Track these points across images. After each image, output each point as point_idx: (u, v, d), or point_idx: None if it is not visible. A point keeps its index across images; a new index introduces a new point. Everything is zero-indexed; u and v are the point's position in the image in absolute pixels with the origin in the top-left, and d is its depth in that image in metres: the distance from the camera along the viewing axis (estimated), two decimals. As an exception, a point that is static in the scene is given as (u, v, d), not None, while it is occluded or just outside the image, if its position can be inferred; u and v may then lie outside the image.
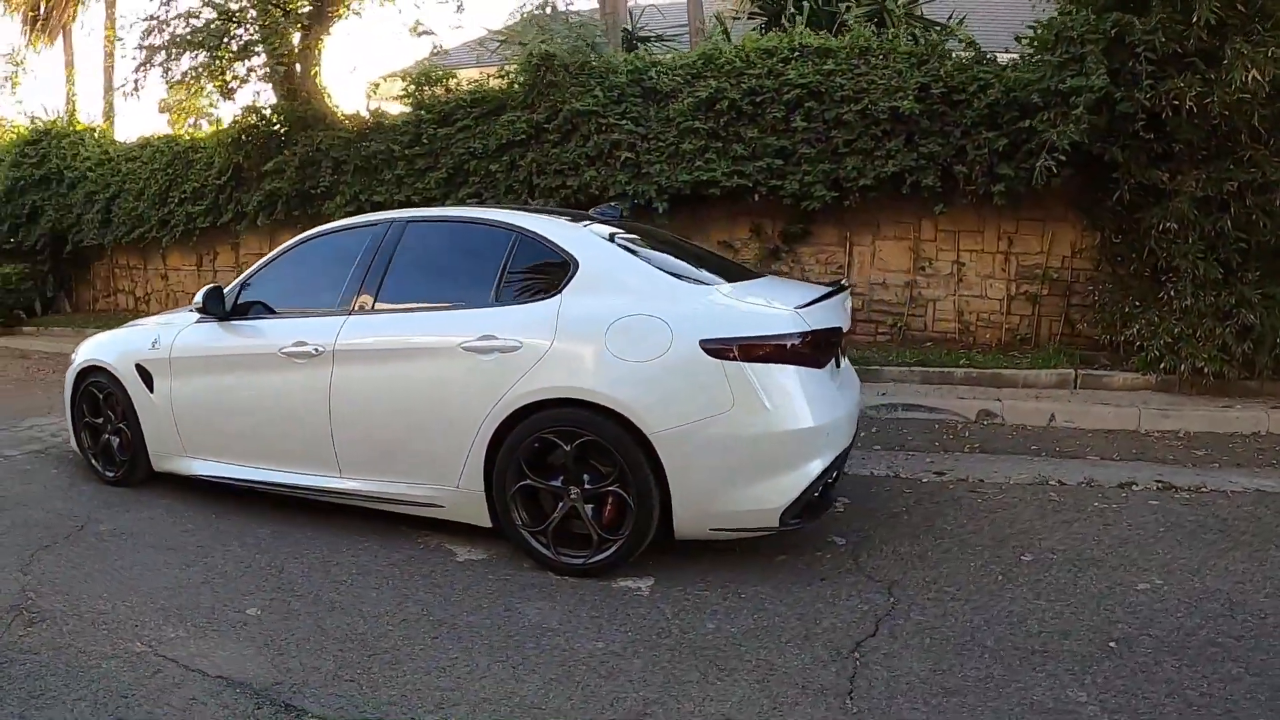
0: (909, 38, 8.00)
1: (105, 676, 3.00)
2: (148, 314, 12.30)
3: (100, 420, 5.28)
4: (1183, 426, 6.03)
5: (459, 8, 10.51)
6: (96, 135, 12.50)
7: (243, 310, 4.69)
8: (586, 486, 3.65)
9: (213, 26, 9.57)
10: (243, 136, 10.09)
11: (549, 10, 9.26)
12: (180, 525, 4.53)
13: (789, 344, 3.47)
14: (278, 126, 10.03)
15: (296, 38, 10.04)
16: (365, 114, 10.00)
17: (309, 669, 3.03)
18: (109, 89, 10.10)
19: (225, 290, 4.72)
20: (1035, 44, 6.99)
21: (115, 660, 3.11)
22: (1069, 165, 6.69)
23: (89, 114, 11.80)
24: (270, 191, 9.96)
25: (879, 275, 8.27)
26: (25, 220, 12.39)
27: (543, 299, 3.79)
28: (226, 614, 3.47)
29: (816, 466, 3.53)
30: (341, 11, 10.17)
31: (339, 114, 9.99)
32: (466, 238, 4.28)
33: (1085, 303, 7.62)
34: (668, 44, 10.83)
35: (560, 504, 3.69)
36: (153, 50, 9.89)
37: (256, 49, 9.87)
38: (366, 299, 4.27)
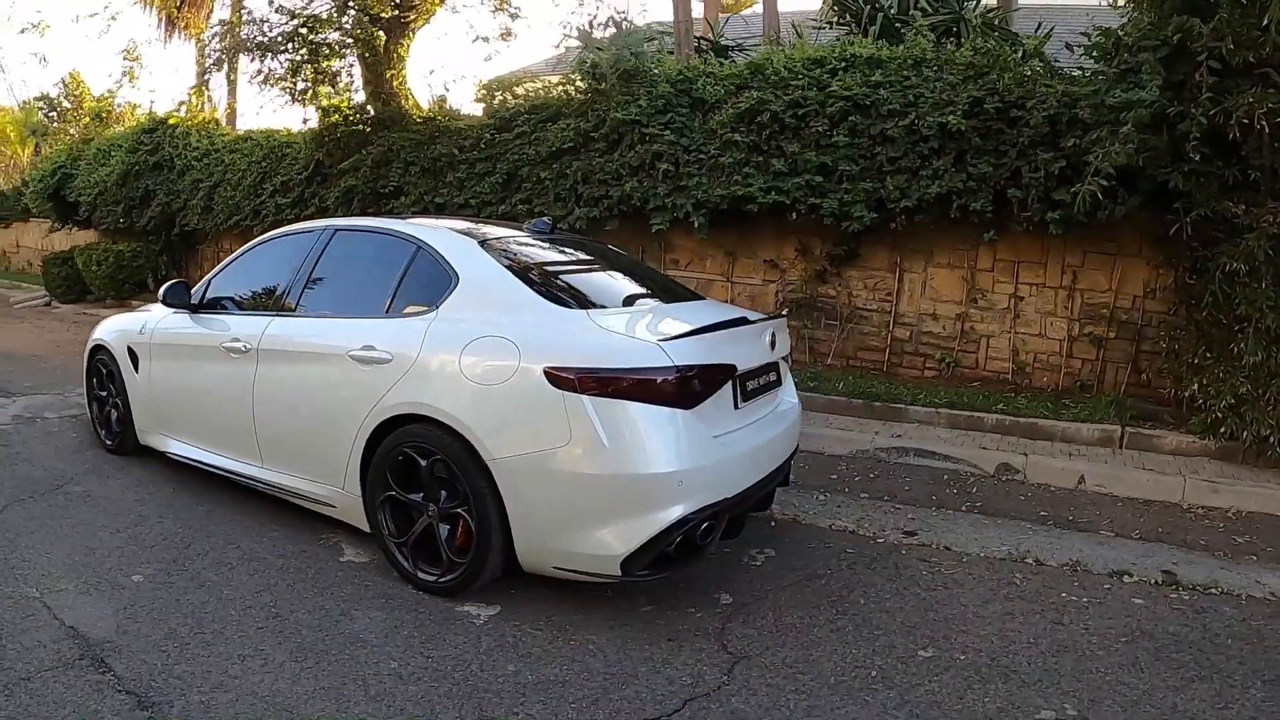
0: (972, 48, 7.52)
1: None
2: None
3: (104, 394, 5.87)
4: (1233, 505, 5.31)
5: (511, 19, 10.67)
6: (207, 127, 13.48)
7: (211, 305, 5.04)
8: (442, 505, 3.63)
9: (300, 34, 10.12)
10: (325, 135, 10.66)
11: (620, 22, 9.27)
12: (137, 494, 5.00)
13: (643, 379, 3.25)
14: (360, 126, 10.53)
15: (383, 39, 10.51)
16: (438, 116, 10.34)
17: (141, 635, 3.31)
18: (232, 85, 10.94)
19: (198, 285, 5.18)
20: (1094, 53, 6.37)
21: (6, 600, 3.58)
22: (1138, 193, 6.16)
23: (209, 105, 12.74)
24: (347, 189, 10.39)
25: (929, 305, 7.82)
26: (138, 203, 13.45)
27: (422, 313, 3.82)
28: (115, 577, 3.84)
29: (670, 515, 3.24)
30: (419, 21, 10.62)
31: (415, 115, 10.39)
32: (378, 248, 4.36)
33: (1156, 349, 6.96)
34: (747, 54, 10.66)
35: (420, 519, 3.72)
36: (232, 49, 10.58)
37: (347, 50, 10.41)
38: (289, 302, 4.54)
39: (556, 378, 3.27)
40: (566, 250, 4.58)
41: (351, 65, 10.58)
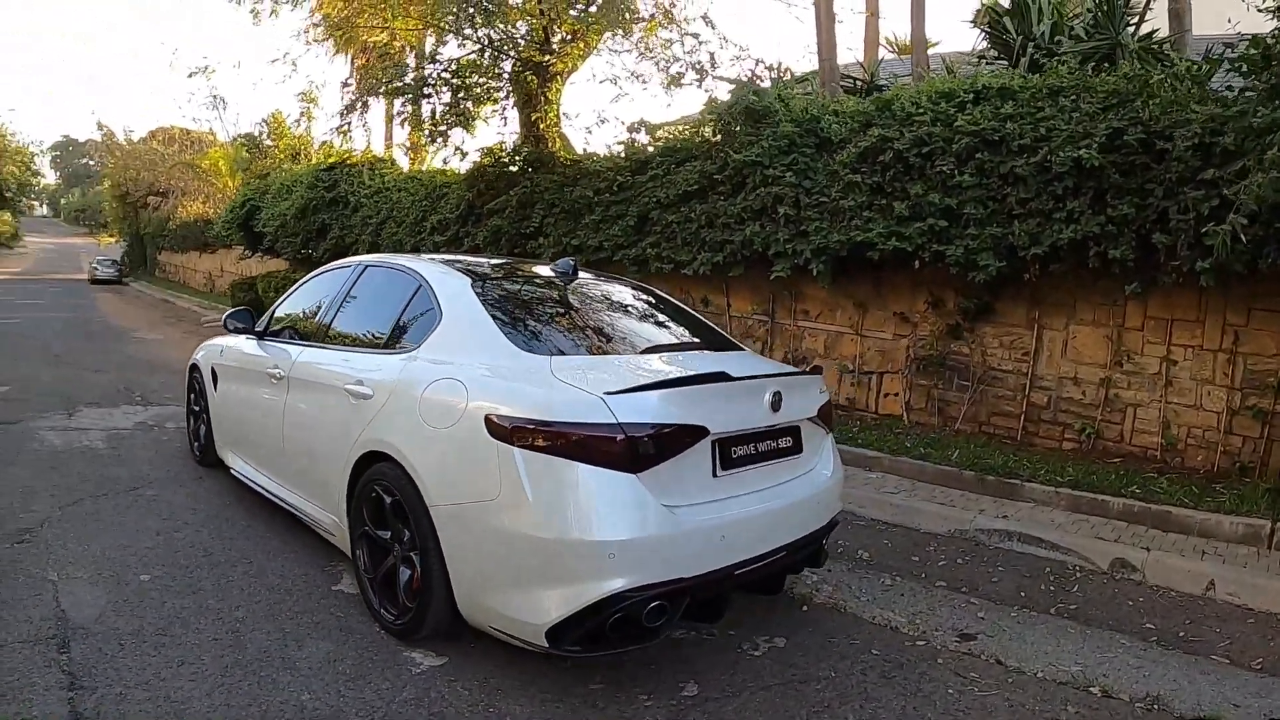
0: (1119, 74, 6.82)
1: (6, 585, 3.97)
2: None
3: (197, 409, 6.43)
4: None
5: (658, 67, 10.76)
6: (379, 166, 14.50)
7: (274, 331, 5.33)
8: (400, 547, 3.60)
9: (452, 81, 10.71)
10: (475, 176, 11.18)
11: (778, 71, 9.23)
12: (195, 504, 5.43)
13: (581, 435, 2.98)
14: (512, 168, 10.98)
15: (535, 85, 10.95)
16: (582, 159, 10.60)
17: (112, 627, 3.59)
18: (417, 123, 11.73)
19: (267, 313, 5.54)
20: (1241, 66, 5.52)
21: (28, 579, 4.06)
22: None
23: (382, 145, 13.88)
24: (494, 228, 10.80)
25: (1070, 367, 7.09)
26: (315, 235, 14.66)
27: (408, 350, 3.86)
28: (126, 574, 4.20)
29: (603, 588, 2.93)
30: (562, 67, 10.98)
31: (562, 157, 10.70)
32: (391, 283, 4.43)
33: (1339, 428, 5.99)
34: (900, 95, 10.26)
35: (388, 558, 3.69)
36: (366, 91, 11.33)
37: (504, 94, 10.94)
38: (317, 333, 4.78)
39: (494, 426, 3.12)
40: (580, 293, 4.40)
41: (505, 109, 11.07)
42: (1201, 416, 6.56)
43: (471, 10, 9.93)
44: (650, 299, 4.74)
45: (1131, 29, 8.13)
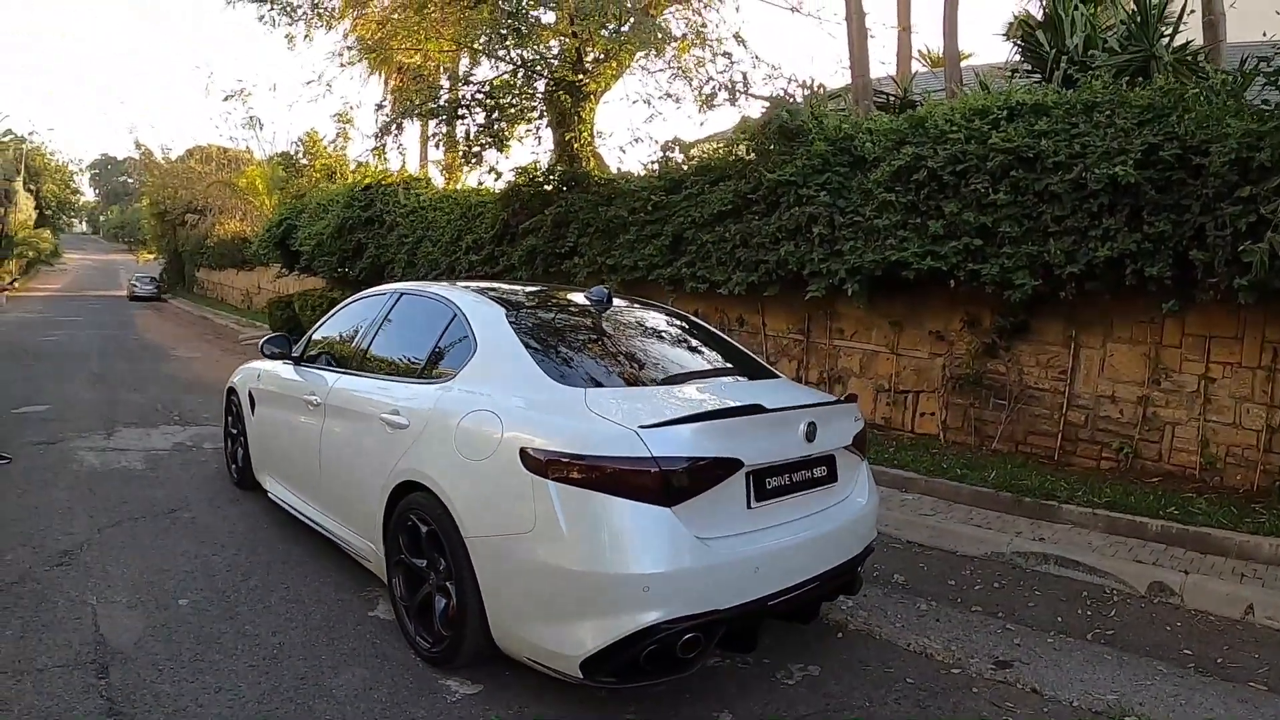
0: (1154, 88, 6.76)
1: (41, 602, 4.15)
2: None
3: (235, 432, 6.53)
4: None
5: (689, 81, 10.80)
6: (415, 185, 14.67)
7: (310, 357, 5.42)
8: (436, 576, 3.64)
9: (486, 102, 10.82)
10: (510, 196, 11.29)
11: (813, 87, 9.21)
12: (233, 527, 5.53)
13: (615, 469, 3.01)
14: (547, 187, 11.07)
15: (569, 104, 11.04)
16: (617, 179, 10.66)
17: (151, 652, 3.68)
18: (451, 144, 11.93)
19: (302, 338, 5.64)
20: (1278, 80, 5.49)
21: (67, 602, 4.18)
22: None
23: (417, 165, 14.08)
24: (529, 248, 10.90)
25: (1108, 386, 7.05)
26: (351, 254, 14.87)
27: (443, 380, 3.90)
28: (165, 598, 4.30)
29: (638, 621, 2.96)
30: (597, 86, 11.06)
31: (595, 176, 10.77)
32: (427, 312, 4.46)
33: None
34: (932, 109, 10.22)
35: (424, 586, 3.73)
36: (402, 113, 11.45)
37: (537, 113, 11.04)
38: (353, 360, 4.85)
39: (529, 459, 3.15)
40: (614, 321, 4.43)
41: (539, 128, 11.18)
42: (1241, 435, 6.49)
43: (504, 32, 10.07)
44: (684, 325, 4.77)
45: (1165, 40, 8.04)
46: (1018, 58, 9.71)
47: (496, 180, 11.31)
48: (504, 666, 3.56)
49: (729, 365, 4.33)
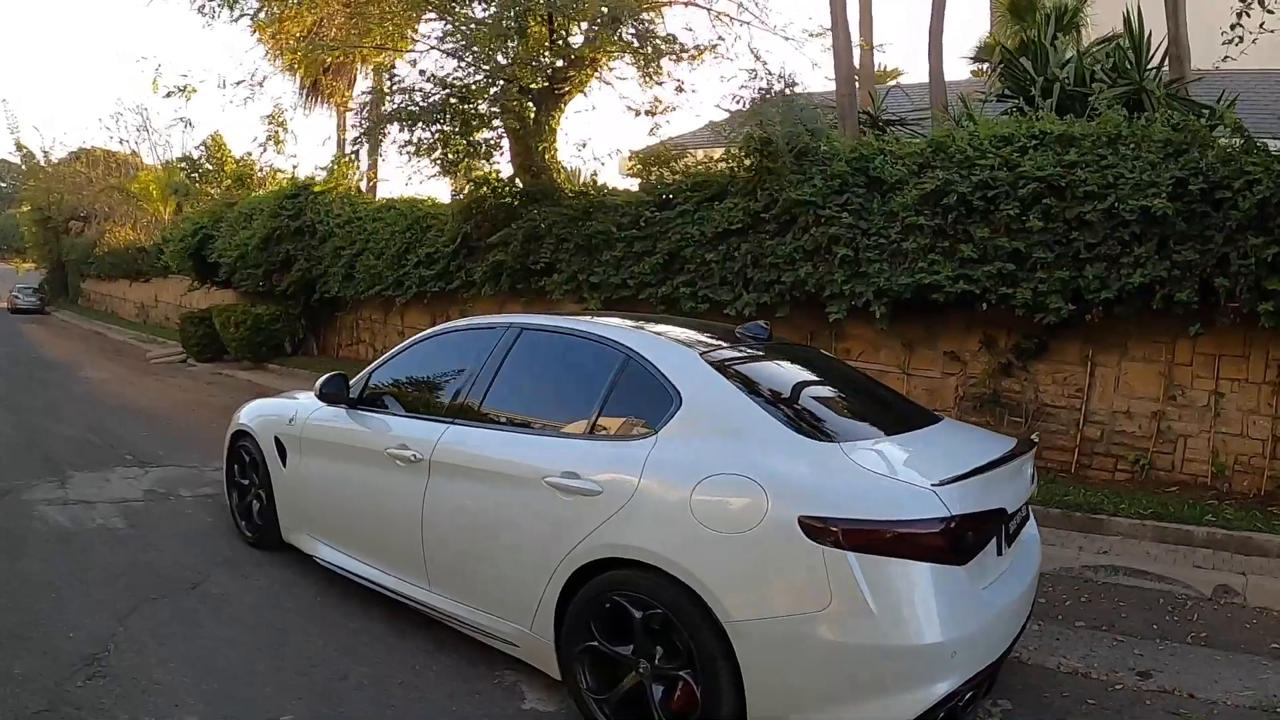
0: (1171, 125, 7.37)
1: None
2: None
3: (246, 482, 5.78)
4: None
5: (679, 89, 10.86)
6: (350, 195, 14.09)
7: (371, 400, 4.85)
8: (657, 664, 3.27)
9: (451, 104, 10.44)
10: (472, 207, 10.98)
11: (777, 92, 9.34)
12: (277, 601, 4.81)
13: (917, 532, 2.90)
14: (509, 199, 10.83)
15: (533, 112, 10.84)
16: (591, 191, 10.57)
17: None
18: (373, 153, 11.50)
19: (355, 378, 4.96)
20: None
21: None
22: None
23: (356, 174, 13.53)
24: (495, 263, 10.74)
25: (1123, 403, 7.67)
26: (279, 267, 14.26)
27: (637, 438, 3.49)
28: (258, 715, 3.60)
29: (936, 691, 2.91)
30: (571, 93, 10.91)
31: (568, 189, 10.63)
32: (577, 354, 4.08)
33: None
34: (910, 128, 10.67)
35: (628, 676, 3.36)
36: (380, 120, 10.96)
37: (495, 121, 10.74)
38: (470, 409, 4.22)
39: (813, 529, 2.92)
40: (789, 363, 4.25)
41: (500, 137, 10.89)
42: (1248, 444, 7.22)
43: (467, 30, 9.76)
44: (833, 361, 4.88)
45: (1151, 71, 8.71)
46: (998, 83, 10.24)
47: (461, 191, 10.94)
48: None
49: (907, 410, 4.33)
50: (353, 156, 11.34)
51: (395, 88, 10.69)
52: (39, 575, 5.01)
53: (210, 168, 25.34)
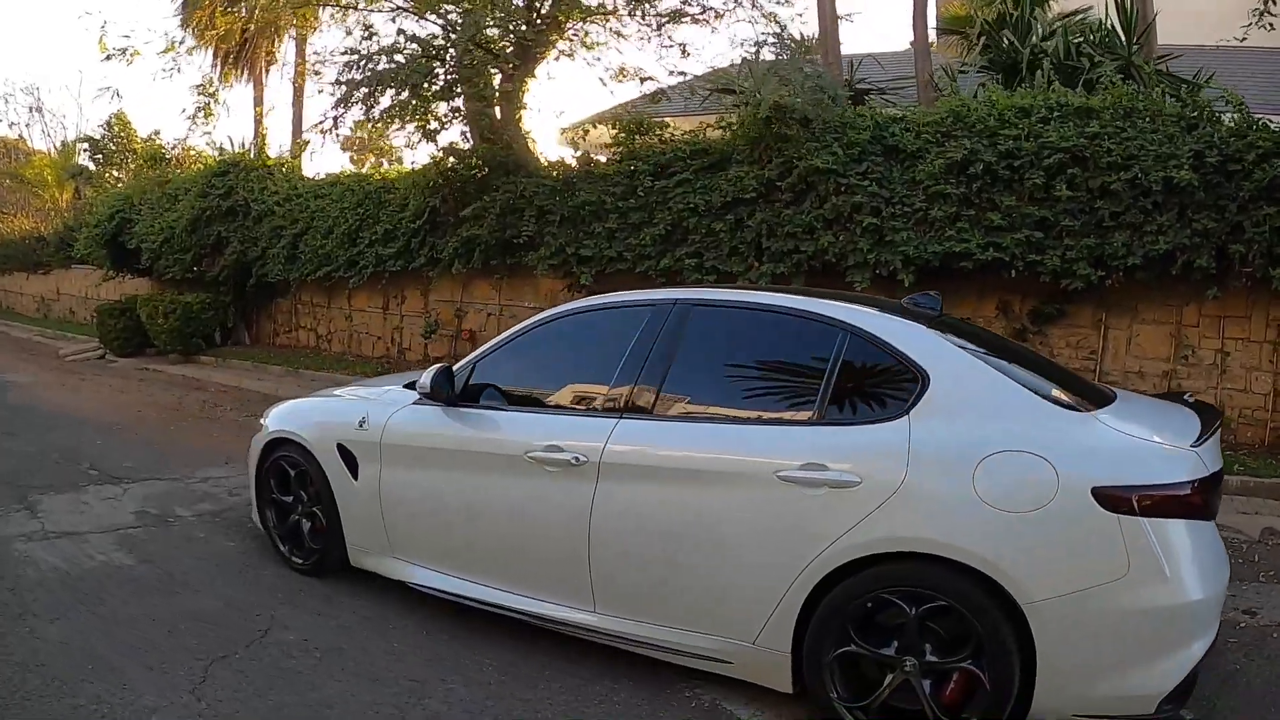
0: (1171, 98, 7.76)
1: None
2: (329, 353, 13.08)
3: (289, 499, 5.01)
4: None
5: (683, 53, 10.66)
6: (285, 171, 13.22)
7: (472, 395, 4.32)
8: (928, 658, 3.15)
9: (416, 64, 9.87)
10: (440, 179, 10.47)
11: (762, 57, 9.25)
12: (385, 643, 4.08)
13: (1191, 493, 2.99)
14: (476, 171, 10.38)
15: (498, 78, 10.40)
16: (572, 161, 10.27)
17: None
18: (297, 128, 10.73)
19: (455, 369, 4.36)
20: None
21: None
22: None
23: (279, 148, 12.64)
24: (468, 238, 10.37)
25: (1135, 363, 8.20)
26: (210, 251, 13.35)
27: (886, 421, 3.32)
28: None
29: (1201, 647, 3.01)
30: (546, 53, 10.51)
31: (542, 159, 10.29)
32: (775, 332, 3.84)
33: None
34: (888, 98, 10.84)
35: (890, 676, 3.19)
36: (353, 85, 10.19)
37: (458, 89, 10.22)
38: (645, 401, 3.79)
39: (1109, 498, 2.93)
40: (974, 336, 4.01)
41: (459, 107, 10.38)
42: (1250, 399, 7.88)
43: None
44: (996, 335, 5.02)
45: (1135, 47, 9.12)
46: (978, 56, 10.46)
47: (445, 161, 10.35)
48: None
49: (1074, 376, 4.34)
50: (330, 130, 10.47)
51: (377, 48, 9.93)
52: (67, 641, 3.99)
53: (114, 148, 23.33)
